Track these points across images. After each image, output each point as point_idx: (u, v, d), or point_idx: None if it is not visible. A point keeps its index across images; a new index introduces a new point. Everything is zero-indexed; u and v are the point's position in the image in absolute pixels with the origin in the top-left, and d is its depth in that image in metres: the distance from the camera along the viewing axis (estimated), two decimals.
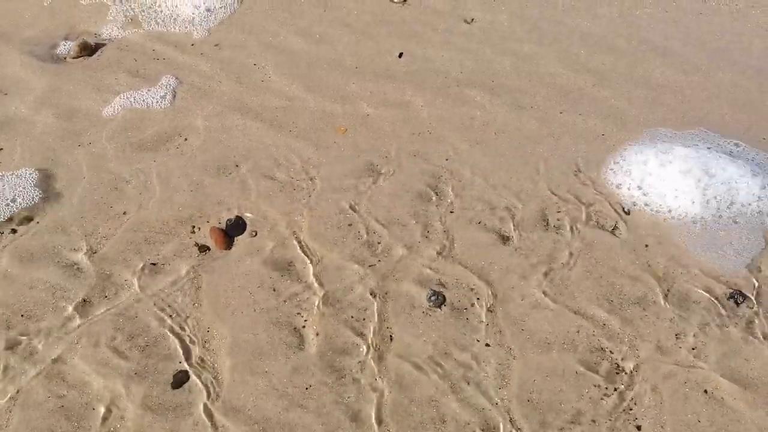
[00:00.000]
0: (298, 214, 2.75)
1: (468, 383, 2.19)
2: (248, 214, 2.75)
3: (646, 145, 2.68)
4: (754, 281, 2.45)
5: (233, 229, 2.70)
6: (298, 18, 3.97)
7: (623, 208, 2.76)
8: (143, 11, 4.01)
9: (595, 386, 2.18)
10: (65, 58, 3.67)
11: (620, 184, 2.50)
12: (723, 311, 2.38)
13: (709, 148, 2.62)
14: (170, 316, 2.39)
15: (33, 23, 3.93)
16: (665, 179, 2.51)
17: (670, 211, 2.34)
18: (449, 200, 2.81)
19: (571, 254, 2.58)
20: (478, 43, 3.75)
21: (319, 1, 4.10)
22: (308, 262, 2.57)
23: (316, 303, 2.42)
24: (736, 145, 2.56)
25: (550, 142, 3.09)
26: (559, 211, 2.75)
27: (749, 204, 2.24)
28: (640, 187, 2.43)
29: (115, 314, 2.39)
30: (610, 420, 2.10)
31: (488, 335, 2.33)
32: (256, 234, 2.68)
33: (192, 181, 2.91)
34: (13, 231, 2.68)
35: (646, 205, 2.41)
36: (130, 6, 4.04)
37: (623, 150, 2.72)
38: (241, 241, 2.66)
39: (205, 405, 2.14)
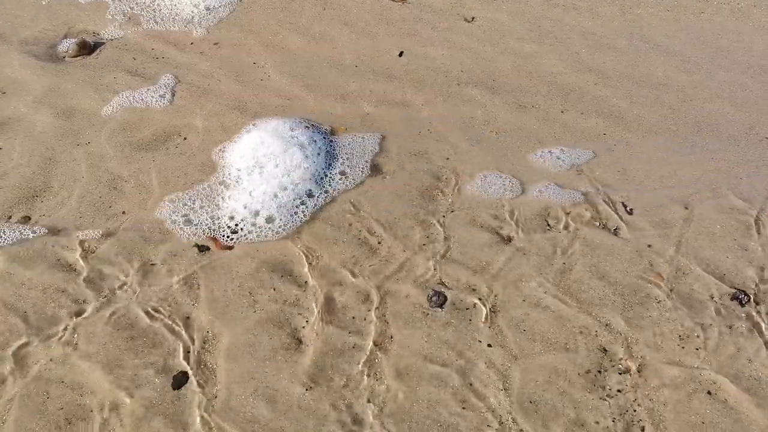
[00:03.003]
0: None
1: (470, 385, 2.18)
2: None
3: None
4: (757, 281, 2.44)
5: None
6: (298, 17, 3.95)
7: (626, 208, 2.74)
8: (142, 10, 3.99)
9: (598, 387, 2.17)
10: (64, 58, 3.66)
11: None
12: (726, 311, 2.37)
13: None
14: (169, 316, 2.37)
15: (32, 22, 3.92)
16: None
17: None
18: (450, 200, 2.80)
19: (572, 254, 2.56)
20: (479, 42, 3.73)
21: None
22: (308, 262, 2.55)
23: (316, 304, 2.41)
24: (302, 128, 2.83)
25: (552, 142, 3.07)
26: (560, 211, 2.74)
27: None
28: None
29: (113, 315, 2.37)
30: (613, 422, 2.08)
31: (490, 336, 2.31)
32: None
33: (191, 181, 2.89)
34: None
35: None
36: (129, 5, 4.02)
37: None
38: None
39: (203, 406, 2.12)
